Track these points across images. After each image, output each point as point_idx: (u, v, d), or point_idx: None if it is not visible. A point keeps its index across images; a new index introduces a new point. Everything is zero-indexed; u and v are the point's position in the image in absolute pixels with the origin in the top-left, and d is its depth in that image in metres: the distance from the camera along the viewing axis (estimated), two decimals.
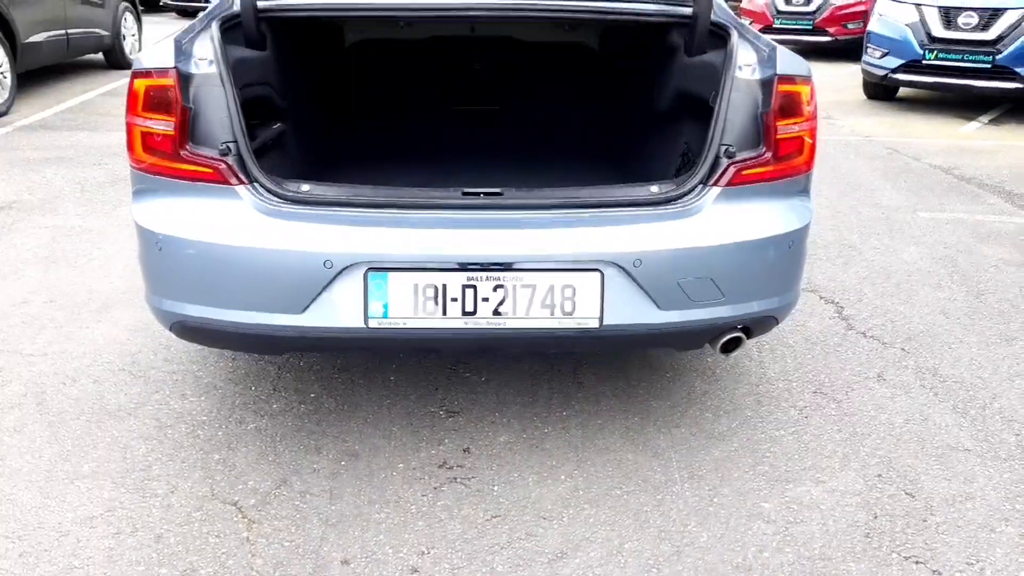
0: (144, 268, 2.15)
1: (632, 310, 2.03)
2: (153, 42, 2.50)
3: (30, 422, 2.40)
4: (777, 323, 2.31)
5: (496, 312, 2.00)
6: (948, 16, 7.15)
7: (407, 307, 1.99)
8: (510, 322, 2.01)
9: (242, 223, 1.99)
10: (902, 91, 8.05)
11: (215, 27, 2.11)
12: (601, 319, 2.02)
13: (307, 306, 1.99)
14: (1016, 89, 6.98)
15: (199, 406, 2.50)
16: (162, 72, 1.99)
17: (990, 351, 2.98)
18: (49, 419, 2.42)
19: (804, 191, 2.24)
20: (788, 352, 2.92)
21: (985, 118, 7.28)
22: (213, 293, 2.03)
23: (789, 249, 2.18)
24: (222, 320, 2.04)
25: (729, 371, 2.77)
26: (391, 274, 1.97)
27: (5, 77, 6.35)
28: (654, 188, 2.11)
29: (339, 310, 1.99)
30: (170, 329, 2.19)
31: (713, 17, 2.31)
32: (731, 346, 2.22)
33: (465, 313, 2.00)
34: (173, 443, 2.32)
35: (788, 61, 2.13)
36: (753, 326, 2.21)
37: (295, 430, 2.39)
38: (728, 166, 2.08)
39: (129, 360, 2.76)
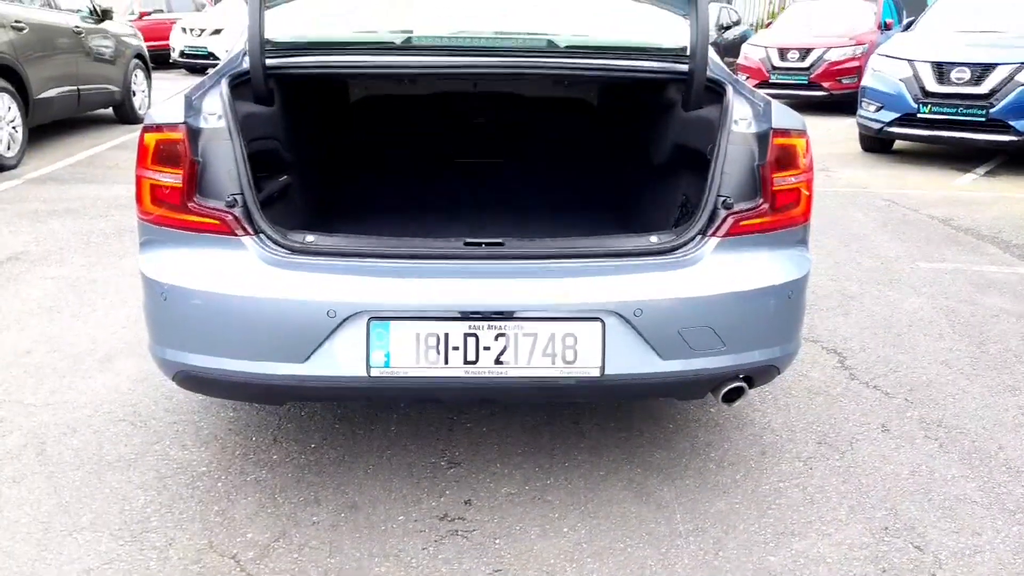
0: (148, 318, 2.16)
1: (634, 359, 2.04)
2: (162, 98, 2.55)
3: (29, 473, 2.39)
4: (779, 372, 2.31)
5: (498, 361, 2.01)
6: (941, 71, 7.29)
7: (409, 356, 1.99)
8: (512, 371, 2.01)
9: (247, 273, 2.02)
10: (898, 144, 8.16)
11: (224, 84, 2.17)
12: (603, 368, 2.02)
13: (309, 355, 2.00)
14: (1011, 141, 7.07)
15: (199, 456, 2.49)
16: (172, 127, 2.04)
17: (994, 401, 2.96)
18: (49, 470, 2.40)
19: (802, 241, 2.26)
20: (791, 402, 2.91)
21: (981, 170, 7.36)
22: (217, 343, 2.04)
23: (789, 299, 2.19)
24: (225, 369, 2.05)
25: (732, 421, 2.76)
26: (393, 323, 1.99)
27: (16, 131, 6.48)
28: (654, 238, 2.14)
29: (341, 359, 2.00)
30: (173, 379, 2.19)
31: (709, 73, 2.37)
32: (733, 396, 2.21)
33: (467, 362, 2.00)
34: (172, 494, 2.30)
35: (783, 115, 2.18)
36: (755, 376, 2.21)
37: (295, 481, 2.38)
38: (726, 217, 2.11)
39: (130, 410, 2.75)
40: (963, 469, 2.52)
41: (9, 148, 6.37)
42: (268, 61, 2.31)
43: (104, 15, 8.23)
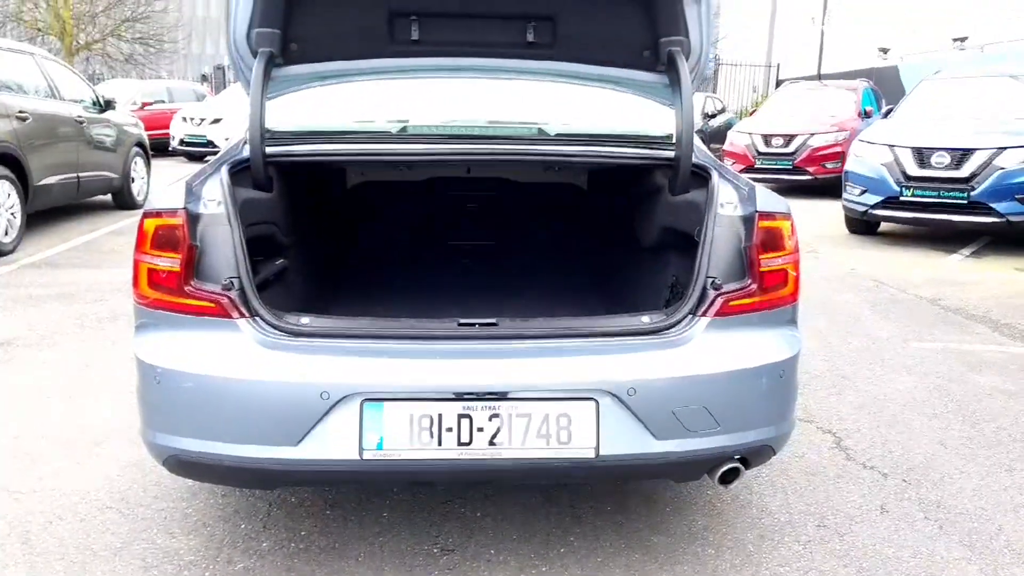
0: (141, 402, 2.15)
1: (628, 439, 2.03)
2: (161, 184, 2.62)
3: (12, 563, 2.32)
4: (774, 453, 2.29)
5: (492, 442, 1.99)
6: (921, 156, 7.51)
7: (402, 438, 1.98)
8: (506, 452, 2.00)
9: (242, 356, 2.02)
10: (883, 226, 8.33)
11: (225, 171, 2.23)
12: (597, 449, 2.01)
13: (302, 438, 1.98)
14: (994, 223, 7.23)
15: (187, 545, 2.43)
16: (172, 212, 2.09)
17: (992, 481, 2.94)
18: (32, 560, 2.34)
19: (792, 321, 2.29)
20: (788, 484, 2.88)
21: (966, 251, 7.50)
22: (209, 426, 2.02)
23: (780, 378, 2.20)
24: (216, 454, 2.02)
25: (730, 504, 2.72)
26: (387, 404, 1.98)
27: (15, 217, 6.57)
28: (645, 318, 2.16)
29: (334, 442, 1.98)
30: (163, 463, 2.16)
31: (694, 159, 2.45)
32: (729, 477, 2.20)
33: (460, 443, 1.99)
34: None
35: (767, 199, 2.25)
36: (750, 456, 2.20)
37: (284, 570, 2.31)
38: (716, 297, 2.14)
39: (118, 497, 2.70)
40: (964, 551, 2.48)
41: (7, 233, 6.45)
42: (268, 149, 2.39)
43: (107, 105, 8.48)
